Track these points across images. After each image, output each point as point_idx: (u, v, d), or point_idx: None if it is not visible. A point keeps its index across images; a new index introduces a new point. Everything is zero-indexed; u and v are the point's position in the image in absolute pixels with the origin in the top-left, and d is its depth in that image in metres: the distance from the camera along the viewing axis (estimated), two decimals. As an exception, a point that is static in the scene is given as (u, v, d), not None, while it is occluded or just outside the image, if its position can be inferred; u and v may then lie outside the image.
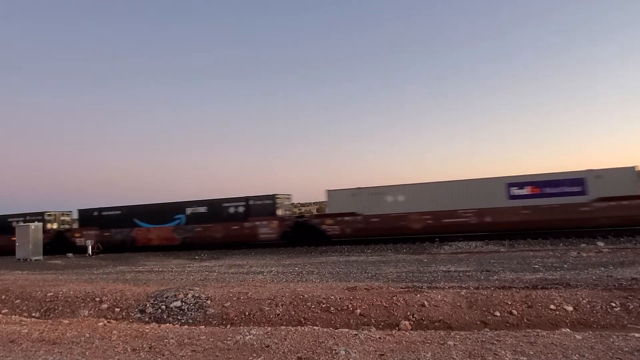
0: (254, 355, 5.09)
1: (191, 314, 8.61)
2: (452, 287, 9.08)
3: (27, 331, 6.82)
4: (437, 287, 9.03)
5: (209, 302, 8.85)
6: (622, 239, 17.31)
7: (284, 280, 11.94)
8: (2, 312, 9.85)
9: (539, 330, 5.90)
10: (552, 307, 7.30)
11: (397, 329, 7.03)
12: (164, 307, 8.95)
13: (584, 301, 7.37)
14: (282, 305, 8.32)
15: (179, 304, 8.93)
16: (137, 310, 9.12)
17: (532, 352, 4.64)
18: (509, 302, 7.54)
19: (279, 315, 8.10)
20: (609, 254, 13.88)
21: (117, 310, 9.25)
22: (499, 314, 7.33)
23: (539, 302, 7.44)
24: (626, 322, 6.80)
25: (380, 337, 5.55)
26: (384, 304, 7.88)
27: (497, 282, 9.77)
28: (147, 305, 9.16)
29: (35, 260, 23.18)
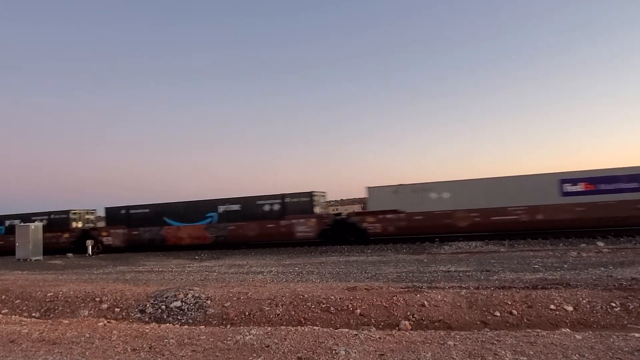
0: (254, 355, 5.09)
1: (191, 314, 8.61)
2: (452, 287, 9.08)
3: (27, 331, 6.82)
4: (437, 287, 9.03)
5: (209, 302, 8.85)
6: (622, 239, 17.32)
7: (284, 280, 11.94)
8: (2, 312, 9.85)
9: (539, 330, 5.90)
10: (552, 307, 7.30)
11: (397, 329, 7.03)
12: (164, 307, 8.95)
13: (584, 301, 7.37)
14: (282, 305, 8.33)
15: (179, 304, 8.94)
16: (137, 310, 9.12)
17: (532, 352, 4.64)
18: (509, 302, 7.54)
19: (279, 315, 8.10)
20: (609, 254, 13.88)
21: (117, 310, 9.25)
22: (499, 314, 7.33)
23: (539, 302, 7.44)
24: (626, 322, 6.80)
25: (380, 337, 5.55)
26: (384, 304, 7.88)
27: (497, 282, 9.77)
28: (147, 305, 9.16)
29: (35, 260, 23.16)
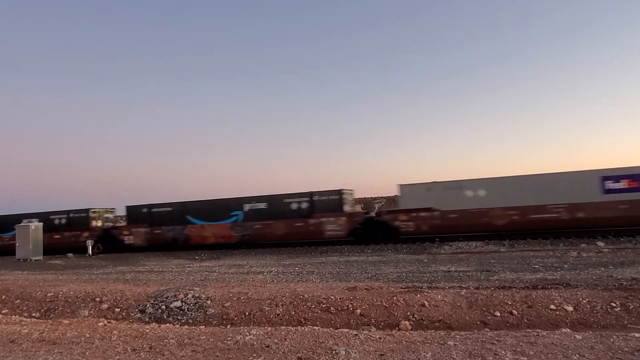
0: (254, 355, 5.09)
1: (191, 314, 8.61)
2: (452, 287, 9.08)
3: (27, 331, 6.82)
4: (437, 287, 9.03)
5: (209, 302, 8.85)
6: (622, 239, 17.32)
7: (284, 280, 11.95)
8: (2, 312, 9.85)
9: (539, 330, 5.90)
10: (552, 307, 7.30)
11: (397, 329, 7.03)
12: (164, 307, 8.95)
13: (584, 301, 7.37)
14: (282, 305, 8.32)
15: (179, 304, 8.94)
16: (137, 310, 9.12)
17: (532, 352, 4.64)
18: (509, 302, 7.54)
19: (279, 315, 8.10)
20: (609, 254, 13.89)
21: (117, 310, 9.25)
22: (499, 314, 7.33)
23: (539, 302, 7.44)
24: (626, 322, 6.80)
25: (380, 337, 5.55)
26: (384, 304, 7.88)
27: (497, 282, 9.77)
28: (147, 305, 9.16)
29: (35, 260, 23.17)
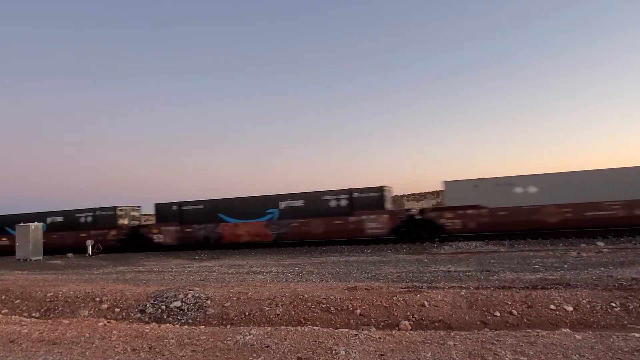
0: (254, 355, 5.09)
1: (191, 314, 8.61)
2: (452, 287, 9.08)
3: (27, 331, 6.82)
4: (437, 287, 9.03)
5: (209, 302, 8.85)
6: (622, 239, 17.33)
7: (284, 280, 11.95)
8: (2, 312, 9.85)
9: (539, 330, 5.90)
10: (552, 307, 7.30)
11: (397, 329, 7.03)
12: (164, 307, 8.95)
13: (584, 301, 7.37)
14: (282, 305, 8.32)
15: (179, 304, 8.93)
16: (137, 310, 9.12)
17: (532, 352, 4.64)
18: (509, 302, 7.54)
19: (279, 315, 8.10)
20: (609, 254, 13.89)
21: (117, 310, 9.25)
22: (499, 314, 7.33)
23: (539, 302, 7.44)
24: (626, 322, 6.80)
25: (380, 337, 5.55)
26: (384, 304, 7.88)
27: (497, 282, 9.77)
28: (147, 305, 9.16)
29: (35, 260, 23.17)
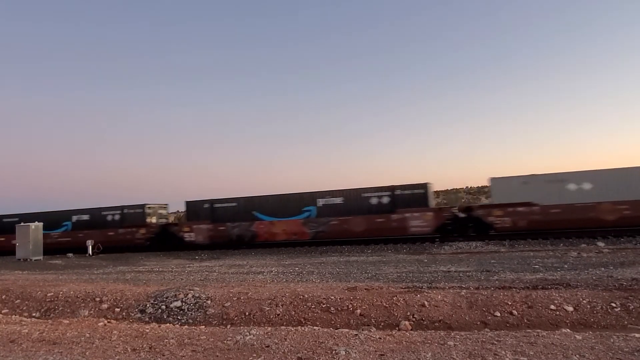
0: (254, 355, 5.09)
1: (191, 314, 8.61)
2: (452, 287, 9.08)
3: (27, 331, 6.82)
4: (437, 288, 9.03)
5: (209, 302, 8.85)
6: (622, 239, 17.32)
7: (284, 280, 11.95)
8: (3, 312, 9.85)
9: (539, 330, 5.90)
10: (553, 307, 7.29)
11: (397, 329, 7.03)
12: (164, 307, 8.95)
13: (584, 301, 7.37)
14: (282, 305, 8.33)
15: (179, 304, 8.94)
16: (137, 310, 9.12)
17: (532, 353, 4.64)
18: (509, 303, 7.54)
19: (279, 315, 8.10)
20: (609, 254, 13.89)
21: (117, 310, 9.25)
22: (499, 314, 7.33)
23: (539, 303, 7.44)
24: (626, 323, 6.80)
25: (380, 337, 5.55)
26: (384, 304, 7.88)
27: (497, 282, 9.77)
28: (147, 305, 9.16)
29: (35, 260, 23.18)
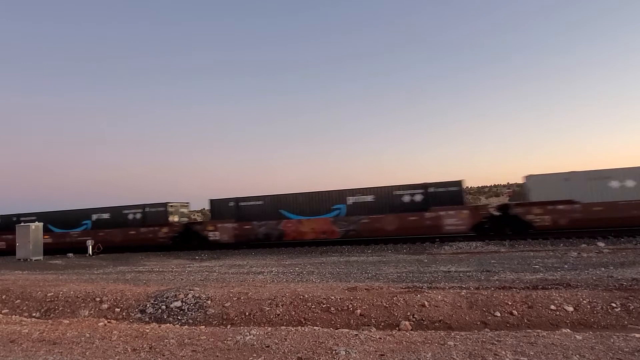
0: (254, 355, 5.09)
1: (191, 314, 8.62)
2: (453, 287, 9.08)
3: (27, 331, 6.82)
4: (437, 288, 9.04)
5: (209, 302, 8.86)
6: (622, 240, 17.31)
7: (284, 280, 11.95)
8: (3, 312, 9.85)
9: (539, 330, 5.90)
10: (553, 307, 7.30)
11: (397, 329, 7.03)
12: (164, 307, 8.96)
13: (585, 301, 7.37)
14: (282, 305, 8.33)
15: (179, 304, 8.94)
16: (137, 310, 9.12)
17: (532, 353, 4.64)
18: (510, 303, 7.54)
19: (279, 315, 8.10)
20: (609, 254, 13.88)
21: (118, 310, 9.25)
22: (499, 314, 7.33)
23: (540, 303, 7.44)
24: (627, 323, 6.80)
25: (380, 337, 5.55)
26: (384, 304, 7.88)
27: (497, 282, 9.77)
28: (148, 305, 9.17)
29: (35, 260, 23.19)
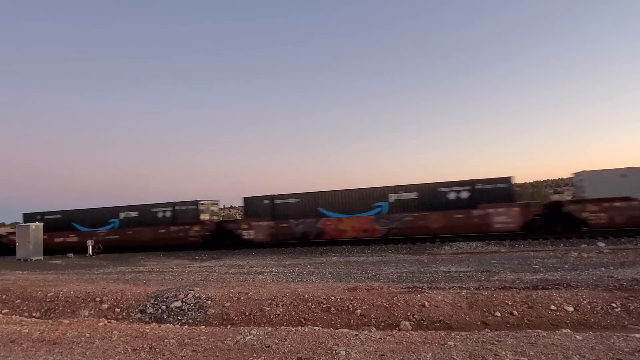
0: (255, 355, 5.09)
1: (191, 314, 8.62)
2: (453, 287, 9.08)
3: (27, 331, 6.82)
4: (437, 288, 9.03)
5: (210, 302, 8.86)
6: (622, 240, 17.31)
7: (285, 280, 11.95)
8: (3, 312, 9.85)
9: (539, 330, 5.89)
10: (553, 307, 7.30)
11: (397, 329, 7.03)
12: (164, 307, 8.96)
13: (585, 302, 7.37)
14: (282, 305, 8.33)
15: (179, 304, 8.94)
16: (137, 310, 9.12)
17: (532, 353, 4.64)
18: (510, 303, 7.54)
19: (279, 315, 8.10)
20: (609, 254, 13.87)
21: (118, 310, 9.25)
22: (499, 315, 7.33)
23: (540, 303, 7.44)
24: (627, 323, 6.80)
25: (380, 338, 5.55)
26: (385, 304, 7.88)
27: (497, 282, 9.77)
28: (148, 305, 9.17)
29: (35, 260, 23.19)
